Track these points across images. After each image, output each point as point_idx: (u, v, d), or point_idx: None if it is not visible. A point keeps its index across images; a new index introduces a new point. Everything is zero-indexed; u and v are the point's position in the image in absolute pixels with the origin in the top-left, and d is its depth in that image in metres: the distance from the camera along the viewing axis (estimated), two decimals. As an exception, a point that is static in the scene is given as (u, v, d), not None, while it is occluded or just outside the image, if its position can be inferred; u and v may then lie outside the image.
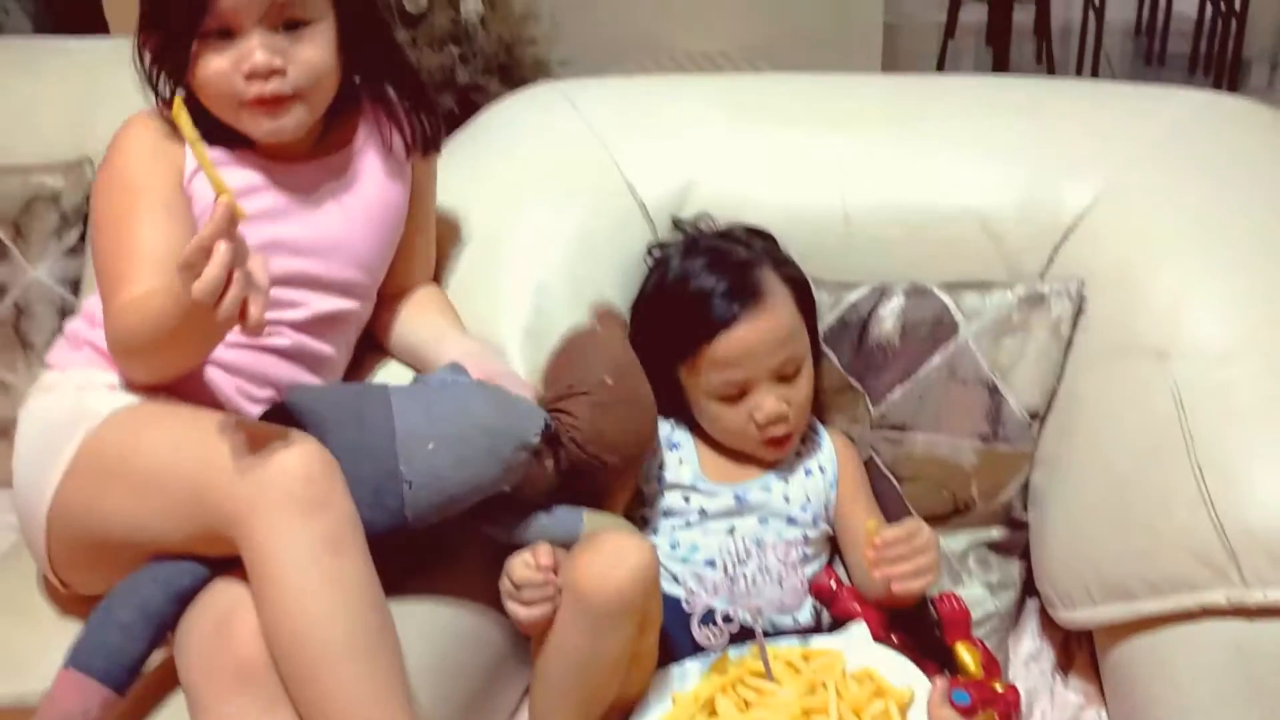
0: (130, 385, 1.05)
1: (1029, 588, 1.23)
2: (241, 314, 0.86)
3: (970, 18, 4.56)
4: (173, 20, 1.03)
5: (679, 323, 1.16)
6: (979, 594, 1.21)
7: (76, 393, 1.05)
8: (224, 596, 0.94)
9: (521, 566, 1.01)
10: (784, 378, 1.15)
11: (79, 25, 3.19)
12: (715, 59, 2.77)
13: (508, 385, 1.08)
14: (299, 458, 0.92)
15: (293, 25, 1.04)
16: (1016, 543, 1.23)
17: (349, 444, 0.98)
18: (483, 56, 2.50)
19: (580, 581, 1.00)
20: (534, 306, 1.21)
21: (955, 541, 1.23)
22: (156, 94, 1.10)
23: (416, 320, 1.21)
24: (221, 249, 0.83)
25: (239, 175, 1.09)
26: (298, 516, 0.90)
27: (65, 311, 1.42)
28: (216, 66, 1.03)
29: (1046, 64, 4.20)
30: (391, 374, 1.20)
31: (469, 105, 2.42)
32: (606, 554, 1.02)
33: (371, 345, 1.23)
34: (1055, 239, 1.19)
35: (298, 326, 1.11)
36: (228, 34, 1.03)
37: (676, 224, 1.26)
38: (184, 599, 0.96)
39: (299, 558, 0.90)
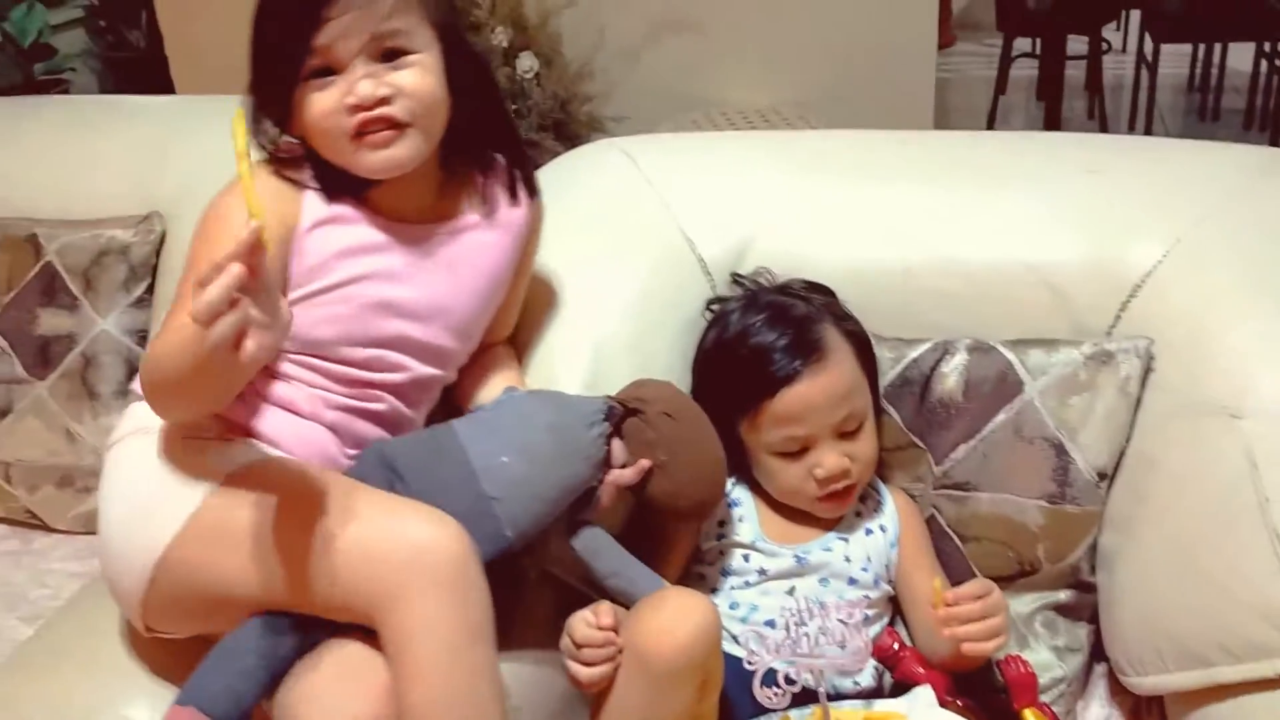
0: (247, 434, 1.05)
1: (1097, 652, 1.20)
2: (237, 344, 0.81)
3: (1021, 73, 4.57)
4: (275, 65, 1.02)
5: (739, 378, 1.15)
6: (1046, 658, 1.18)
7: (194, 439, 1.03)
8: (350, 653, 0.96)
9: (583, 625, 1.00)
10: (845, 434, 1.14)
11: (145, 84, 3.28)
12: (766, 114, 2.78)
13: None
14: (448, 539, 0.94)
15: (394, 56, 1.04)
16: (1085, 605, 1.20)
17: (436, 483, 1.01)
18: (538, 113, 2.54)
19: (642, 641, 0.99)
20: (592, 362, 1.21)
21: (1021, 604, 1.20)
22: (263, 146, 1.09)
23: (491, 381, 1.19)
24: (232, 270, 0.79)
25: (359, 231, 1.08)
26: (448, 602, 0.92)
27: (132, 362, 1.45)
28: (322, 105, 1.02)
29: (1099, 120, 4.19)
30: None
31: (524, 161, 2.45)
32: (668, 613, 1.01)
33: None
34: (1122, 296, 1.18)
35: (395, 391, 1.11)
36: (329, 72, 1.02)
37: (735, 279, 1.25)
38: (303, 653, 0.97)
39: (447, 643, 0.92)
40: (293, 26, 1.01)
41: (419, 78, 1.04)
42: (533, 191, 1.17)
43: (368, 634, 0.96)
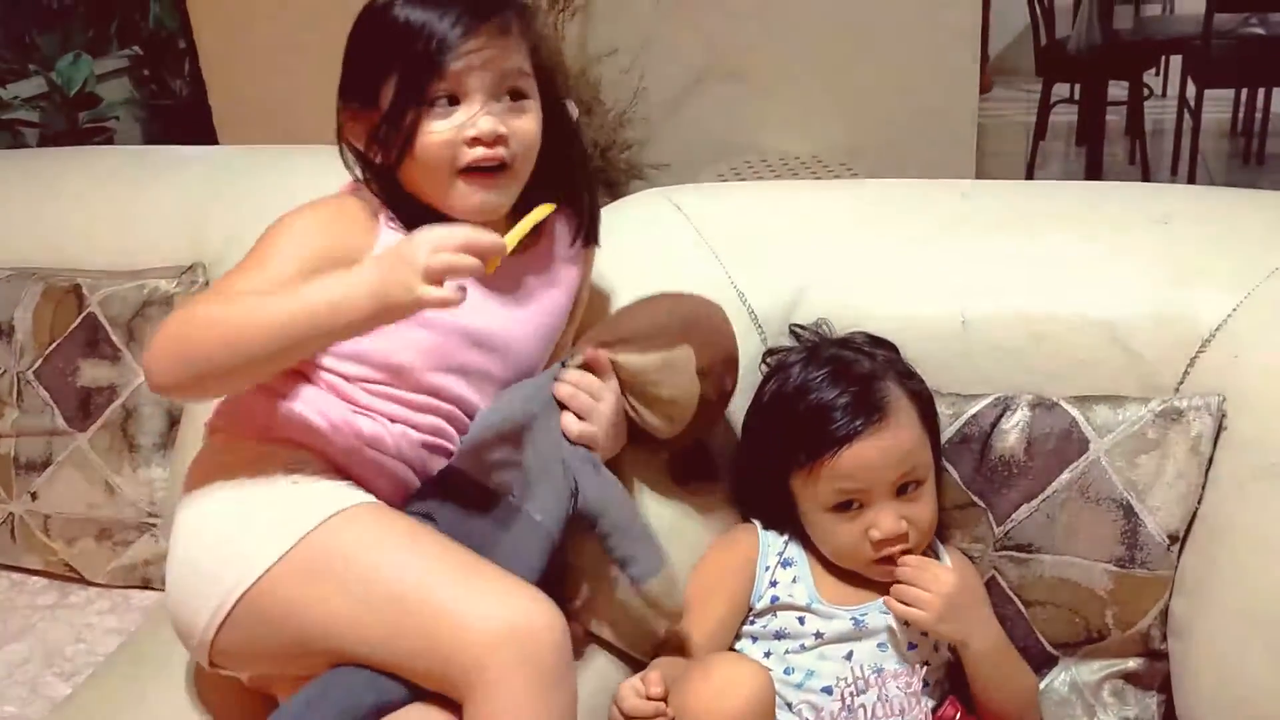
0: (339, 471, 1.03)
1: (1169, 723, 1.15)
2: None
3: (1060, 118, 4.55)
4: (403, 86, 1.01)
5: (797, 434, 1.11)
6: (1115, 729, 1.13)
7: (285, 474, 1.01)
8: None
9: (632, 695, 0.97)
10: (904, 495, 1.10)
11: (187, 133, 3.32)
12: (808, 162, 2.77)
13: None
14: (549, 621, 0.91)
15: (512, 96, 1.04)
16: (1155, 674, 1.15)
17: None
18: (578, 160, 2.53)
19: (692, 710, 0.96)
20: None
21: (1089, 672, 1.15)
22: (360, 174, 1.09)
23: None
24: (469, 262, 0.90)
25: None
26: (540, 688, 0.89)
27: (172, 414, 1.43)
28: (439, 132, 1.02)
29: (1140, 165, 4.15)
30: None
31: (564, 208, 2.44)
32: (719, 681, 0.98)
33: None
34: (1191, 351, 1.14)
35: (457, 423, 1.09)
36: (453, 100, 1.02)
37: (794, 331, 1.22)
38: (383, 713, 0.93)
39: None
40: (435, 49, 1.00)
41: (530, 123, 1.05)
42: (595, 238, 1.17)
43: (451, 704, 0.93)
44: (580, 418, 1.07)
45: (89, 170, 1.68)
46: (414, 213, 1.05)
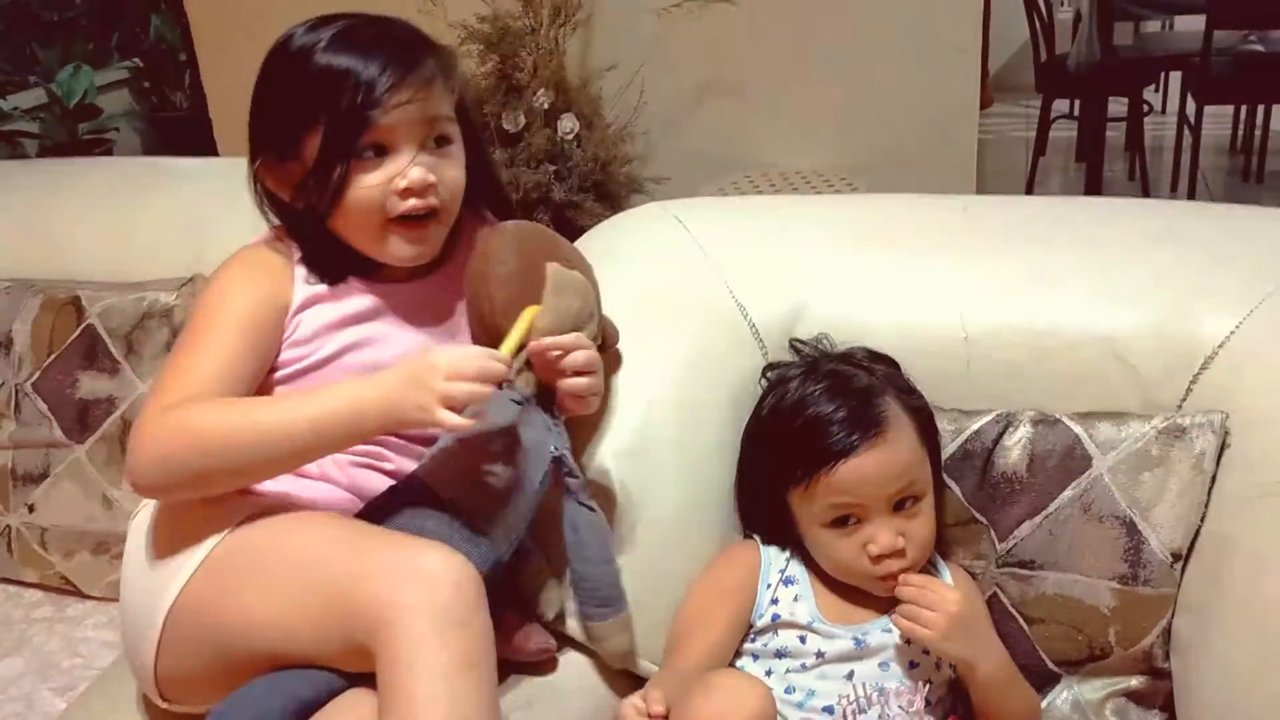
0: (261, 490, 1.04)
1: (1172, 742, 1.14)
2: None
3: (1060, 134, 4.55)
4: (330, 139, 1.01)
5: (795, 449, 1.11)
6: (1118, 749, 1.12)
7: (203, 503, 1.02)
8: (362, 700, 0.92)
9: (633, 714, 0.96)
10: (902, 510, 1.10)
11: (187, 144, 3.32)
12: (809, 177, 2.77)
13: None
14: (449, 568, 0.91)
15: (438, 143, 1.05)
16: (1158, 693, 1.14)
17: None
18: (578, 174, 2.54)
19: (694, 728, 0.95)
20: (641, 427, 1.19)
21: (1091, 690, 1.15)
22: (275, 221, 1.10)
23: None
24: (481, 390, 0.93)
25: (349, 304, 1.08)
26: (441, 628, 0.88)
27: (170, 427, 1.42)
28: (369, 185, 1.02)
29: (1141, 181, 4.15)
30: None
31: (564, 222, 2.44)
32: (720, 699, 0.97)
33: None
34: (1194, 368, 1.13)
35: (397, 449, 1.10)
36: (380, 151, 1.03)
37: (794, 345, 1.22)
38: (303, 713, 0.93)
39: (434, 671, 0.87)
40: (362, 103, 1.00)
41: (457, 169, 1.07)
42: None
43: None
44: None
45: (89, 182, 1.68)
46: (335, 257, 1.07)
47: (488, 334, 1.05)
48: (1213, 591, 1.08)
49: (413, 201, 1.02)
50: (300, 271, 1.08)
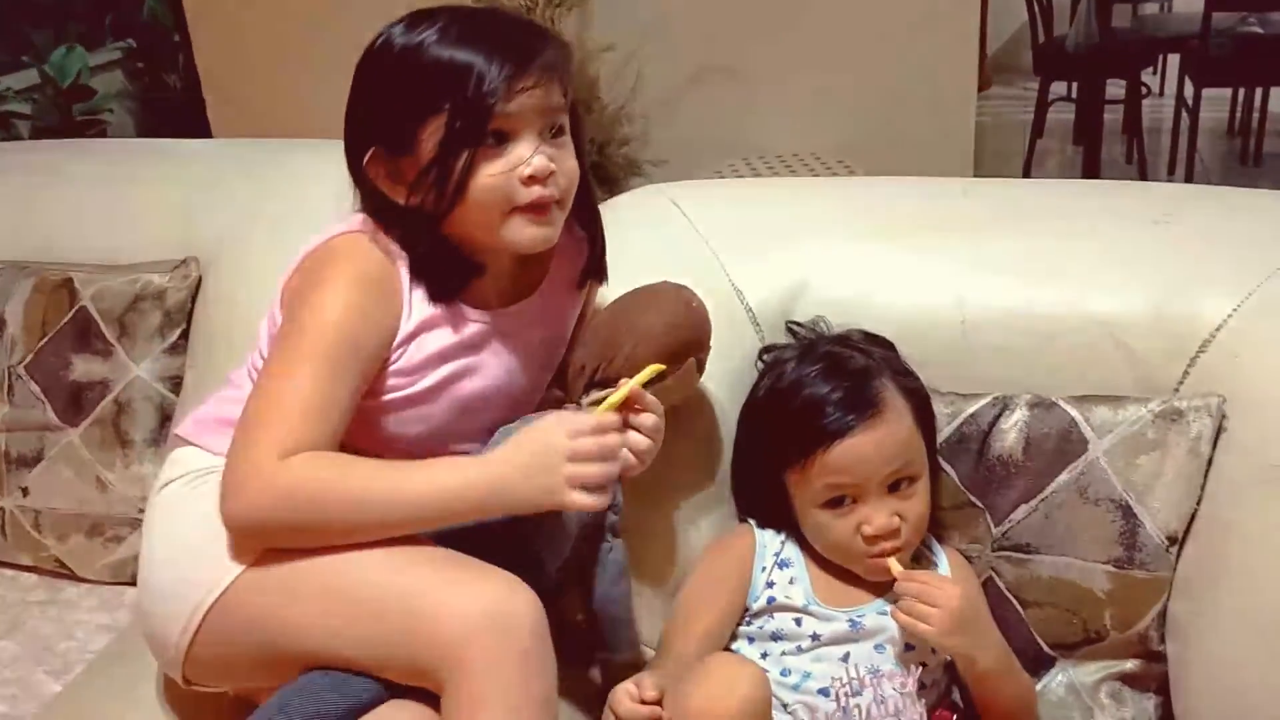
0: None
1: (1166, 725, 1.14)
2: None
3: (1057, 116, 4.54)
4: (455, 129, 0.98)
5: (791, 430, 1.11)
6: (1113, 731, 1.13)
7: None
8: (408, 716, 0.92)
9: (626, 700, 0.96)
10: (897, 492, 1.10)
11: (181, 126, 3.30)
12: (806, 159, 2.76)
13: None
14: (523, 605, 0.91)
15: (555, 133, 1.04)
16: (1153, 676, 1.14)
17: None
18: (574, 157, 2.52)
19: (689, 712, 0.95)
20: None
21: (1086, 673, 1.15)
22: (379, 217, 1.06)
23: None
24: (611, 468, 0.96)
25: (455, 332, 1.06)
26: (519, 672, 0.89)
27: (164, 409, 1.42)
28: (493, 171, 0.99)
29: (1138, 164, 4.15)
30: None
31: (561, 204, 2.43)
32: (716, 683, 0.97)
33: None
34: (1190, 352, 1.13)
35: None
36: (501, 138, 1.00)
37: (791, 328, 1.22)
38: (357, 714, 0.93)
39: (510, 714, 0.88)
40: (488, 90, 0.97)
41: (573, 159, 1.05)
42: (604, 275, 1.17)
43: (426, 696, 0.93)
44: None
45: (82, 163, 1.67)
46: (448, 265, 1.04)
47: (589, 368, 1.06)
48: (1209, 575, 1.08)
49: (538, 190, 1.00)
50: (414, 291, 1.04)
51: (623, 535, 1.13)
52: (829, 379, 1.10)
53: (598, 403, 1.03)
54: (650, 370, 1.02)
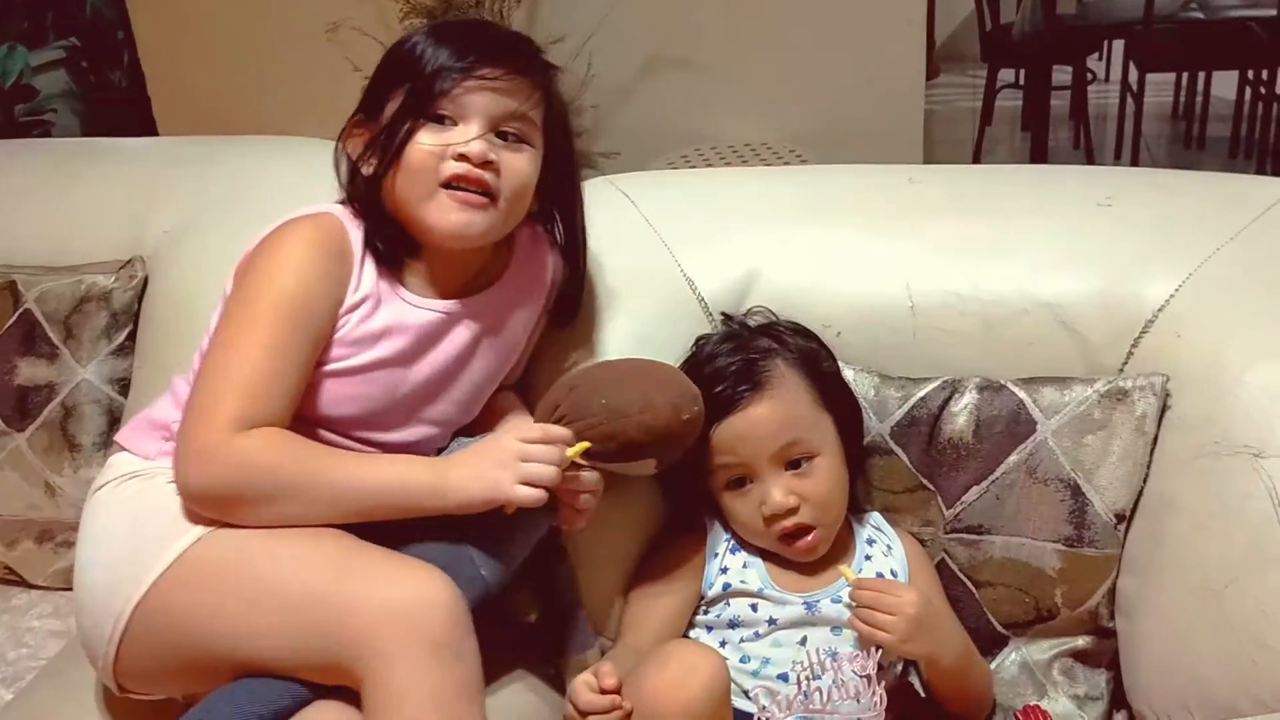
0: None
1: (1118, 700, 1.16)
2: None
3: (1006, 104, 4.58)
4: (407, 98, 1.03)
5: None
6: (1066, 707, 1.15)
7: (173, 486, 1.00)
8: (330, 714, 0.92)
9: (586, 691, 0.96)
10: (796, 470, 1.11)
11: (127, 125, 3.25)
12: (758, 149, 2.77)
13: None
14: (443, 596, 0.91)
15: (509, 138, 1.05)
16: (1104, 652, 1.16)
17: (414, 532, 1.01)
18: (526, 149, 2.51)
19: (649, 699, 0.96)
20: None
21: (1039, 651, 1.17)
22: (351, 191, 1.09)
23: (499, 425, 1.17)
24: (552, 475, 0.97)
25: (399, 310, 1.06)
26: (436, 660, 0.88)
27: (113, 412, 1.40)
28: (427, 143, 1.02)
29: (1085, 149, 4.20)
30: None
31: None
32: (675, 669, 0.97)
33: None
34: (1134, 332, 1.15)
35: (387, 448, 1.09)
36: (447, 121, 1.03)
37: (726, 318, 1.23)
38: (282, 718, 0.92)
39: (431, 703, 0.88)
40: (443, 69, 1.02)
41: (523, 164, 1.05)
42: (574, 315, 1.20)
43: (350, 695, 0.92)
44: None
45: (24, 163, 1.64)
46: (382, 225, 1.06)
47: (559, 415, 1.05)
48: (1155, 551, 1.10)
49: (464, 166, 1.01)
50: (365, 261, 1.06)
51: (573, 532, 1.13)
52: (729, 358, 1.13)
53: None
54: (582, 447, 1.02)
